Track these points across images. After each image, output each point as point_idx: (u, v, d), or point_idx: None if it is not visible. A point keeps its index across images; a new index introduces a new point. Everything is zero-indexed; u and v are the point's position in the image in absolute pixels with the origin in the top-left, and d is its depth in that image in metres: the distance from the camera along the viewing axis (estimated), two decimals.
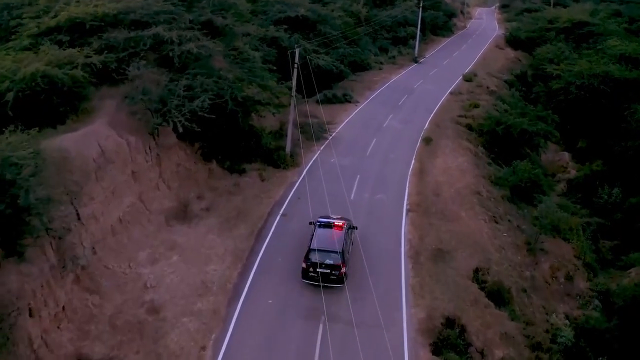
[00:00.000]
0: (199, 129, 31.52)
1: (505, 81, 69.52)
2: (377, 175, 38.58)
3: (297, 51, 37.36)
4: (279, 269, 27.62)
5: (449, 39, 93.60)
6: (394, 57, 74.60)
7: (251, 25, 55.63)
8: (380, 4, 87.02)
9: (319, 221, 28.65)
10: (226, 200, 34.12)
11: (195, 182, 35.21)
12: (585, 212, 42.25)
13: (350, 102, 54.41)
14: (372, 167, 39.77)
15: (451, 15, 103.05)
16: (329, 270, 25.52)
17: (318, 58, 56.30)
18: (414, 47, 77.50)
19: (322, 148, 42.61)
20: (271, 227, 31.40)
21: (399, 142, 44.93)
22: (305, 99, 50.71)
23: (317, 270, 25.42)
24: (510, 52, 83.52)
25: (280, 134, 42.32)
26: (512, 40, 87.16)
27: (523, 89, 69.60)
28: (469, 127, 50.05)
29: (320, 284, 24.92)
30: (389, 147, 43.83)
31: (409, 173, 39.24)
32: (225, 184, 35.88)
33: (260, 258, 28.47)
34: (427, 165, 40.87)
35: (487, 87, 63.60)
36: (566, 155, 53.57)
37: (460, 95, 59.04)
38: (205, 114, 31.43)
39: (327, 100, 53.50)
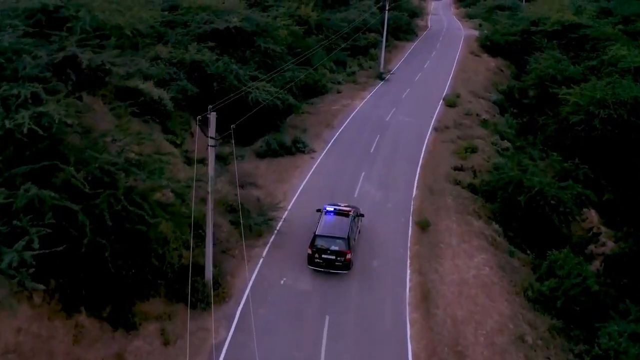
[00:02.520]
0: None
1: (494, 102, 55.83)
2: (357, 316, 23.69)
3: (212, 118, 21.59)
4: None
5: (414, 43, 79.37)
6: (354, 73, 59.65)
7: (161, 46, 40.03)
8: (332, 3, 71.98)
9: (325, 207, 28.16)
10: None
11: (49, 358, 19.55)
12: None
13: (303, 152, 39.27)
14: (346, 296, 24.82)
15: (413, 14, 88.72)
16: (334, 257, 25.40)
17: (257, 90, 41.03)
18: (378, 59, 62.90)
19: (265, 252, 27.49)
20: None
21: (381, 232, 30.12)
22: (238, 157, 35.71)
23: (323, 256, 25.38)
24: (490, 61, 69.99)
25: (199, 234, 26.80)
26: (489, 46, 73.71)
27: (515, 110, 56.27)
28: (473, 189, 35.83)
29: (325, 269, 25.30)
30: (369, 244, 28.95)
31: (407, 303, 24.50)
32: (102, 357, 20.36)
33: None
34: (432, 278, 26.27)
35: (477, 115, 49.66)
36: (594, 215, 40.04)
37: (448, 132, 44.80)
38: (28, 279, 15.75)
39: (272, 153, 38.25)
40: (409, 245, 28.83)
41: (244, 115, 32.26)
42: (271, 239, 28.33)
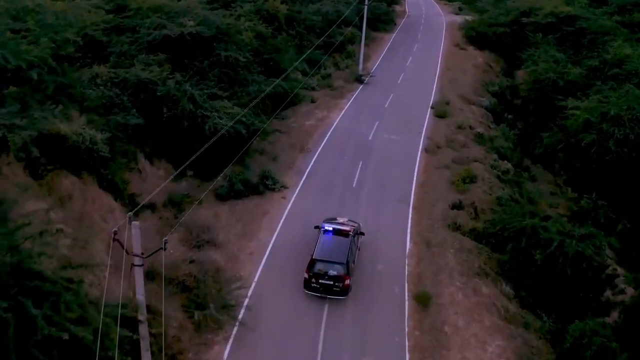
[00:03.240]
0: None
1: (487, 108, 50.14)
2: None
3: (135, 230, 15.14)
4: None
5: (393, 34, 72.82)
6: (329, 75, 53.13)
7: (98, 67, 33.26)
8: None
9: (323, 226, 26.62)
10: None
11: None
12: None
13: (273, 190, 33.08)
14: None
15: (392, 1, 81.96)
16: (332, 282, 24.10)
17: (217, 112, 34.67)
18: (356, 57, 56.48)
19: (227, 353, 21.52)
20: None
21: (372, 310, 24.24)
22: (195, 203, 29.55)
23: (320, 281, 24.19)
24: (477, 55, 64.05)
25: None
26: (475, 37, 67.69)
27: (509, 116, 50.81)
28: (476, 235, 30.17)
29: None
30: (359, 331, 23.13)
31: None
32: None
33: None
34: None
35: (471, 128, 43.84)
36: (609, 254, 34.74)
37: (441, 153, 38.98)
38: None
39: (235, 194, 31.93)
40: (406, 330, 23.09)
41: (199, 146, 25.84)
42: (234, 331, 22.35)
